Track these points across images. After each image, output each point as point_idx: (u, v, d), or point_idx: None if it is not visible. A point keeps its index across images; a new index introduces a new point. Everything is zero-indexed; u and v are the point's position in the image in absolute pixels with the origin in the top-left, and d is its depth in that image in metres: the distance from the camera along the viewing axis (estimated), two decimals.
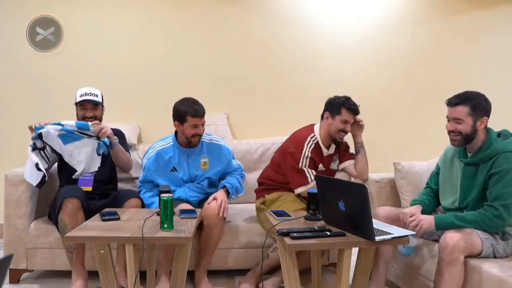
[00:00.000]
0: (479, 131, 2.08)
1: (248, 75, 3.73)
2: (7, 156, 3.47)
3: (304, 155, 2.59)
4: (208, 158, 2.67)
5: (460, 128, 2.08)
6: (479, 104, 2.07)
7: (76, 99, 2.71)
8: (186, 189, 2.66)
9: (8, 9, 3.50)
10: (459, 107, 2.08)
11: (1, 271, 0.91)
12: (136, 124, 3.53)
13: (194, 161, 2.64)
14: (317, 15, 3.77)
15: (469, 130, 2.07)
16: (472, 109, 2.06)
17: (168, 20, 3.64)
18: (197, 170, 2.65)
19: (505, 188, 1.98)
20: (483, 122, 2.08)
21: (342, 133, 2.67)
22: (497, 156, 2.02)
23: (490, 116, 2.12)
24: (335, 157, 2.80)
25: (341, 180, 2.16)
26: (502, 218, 1.97)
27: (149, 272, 2.34)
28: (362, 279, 2.08)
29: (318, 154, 2.66)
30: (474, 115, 2.06)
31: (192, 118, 2.52)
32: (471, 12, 3.94)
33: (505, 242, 2.04)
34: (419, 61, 3.90)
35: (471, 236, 1.96)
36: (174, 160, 2.62)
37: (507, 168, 1.99)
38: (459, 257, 1.91)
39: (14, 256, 2.22)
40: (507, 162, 2.00)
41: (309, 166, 2.59)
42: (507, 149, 2.03)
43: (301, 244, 1.84)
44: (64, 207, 2.36)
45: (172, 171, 2.62)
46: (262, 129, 3.65)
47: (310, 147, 2.62)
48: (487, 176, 2.05)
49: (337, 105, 2.66)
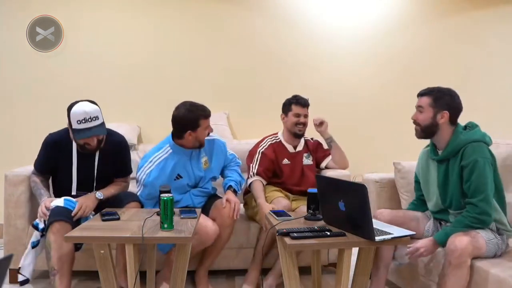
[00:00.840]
0: (441, 125, 2.12)
1: (248, 75, 3.73)
2: (7, 156, 3.47)
3: (256, 152, 2.84)
4: (207, 156, 2.63)
5: (420, 118, 2.15)
6: (442, 98, 2.12)
7: (72, 123, 2.31)
8: (192, 196, 2.57)
9: (8, 9, 3.50)
10: (423, 97, 2.17)
11: (1, 271, 0.91)
12: (136, 124, 3.53)
13: (196, 162, 2.56)
14: (317, 15, 3.77)
15: (428, 122, 2.13)
16: (434, 100, 2.13)
17: (168, 20, 3.64)
18: (200, 171, 2.57)
19: (478, 181, 1.99)
20: (443, 116, 2.11)
21: (299, 126, 2.85)
22: (464, 147, 2.06)
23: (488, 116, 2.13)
24: (307, 153, 2.94)
25: (341, 180, 2.16)
26: (486, 213, 1.98)
27: (149, 272, 2.34)
28: (362, 279, 2.08)
29: (280, 151, 2.87)
30: (435, 107, 2.12)
31: (205, 120, 2.45)
32: (471, 12, 3.94)
33: (501, 237, 2.06)
34: (419, 61, 3.90)
35: (477, 239, 1.96)
36: (177, 167, 2.49)
37: (474, 158, 2.01)
38: (466, 260, 1.90)
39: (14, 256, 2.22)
40: (473, 152, 2.02)
41: (261, 161, 2.79)
42: (472, 139, 2.06)
43: (301, 244, 1.84)
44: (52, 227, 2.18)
45: (176, 179, 2.49)
46: (262, 129, 3.64)
47: (265, 145, 2.87)
48: (459, 169, 2.07)
49: (287, 103, 2.92)
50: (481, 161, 2.00)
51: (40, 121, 3.51)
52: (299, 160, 2.89)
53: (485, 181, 1.99)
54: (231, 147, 3.31)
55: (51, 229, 2.18)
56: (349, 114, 3.86)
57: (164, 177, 2.44)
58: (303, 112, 2.86)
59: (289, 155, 2.87)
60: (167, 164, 2.45)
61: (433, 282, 2.14)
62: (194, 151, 2.54)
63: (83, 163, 2.47)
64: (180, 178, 2.49)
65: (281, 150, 2.87)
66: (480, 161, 2.00)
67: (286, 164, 2.84)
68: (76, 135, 2.34)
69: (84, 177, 2.48)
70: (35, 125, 3.52)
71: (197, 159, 2.56)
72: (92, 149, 2.41)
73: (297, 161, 2.88)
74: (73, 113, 2.31)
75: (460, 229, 2.00)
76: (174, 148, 2.49)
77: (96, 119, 2.32)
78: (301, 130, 2.88)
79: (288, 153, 2.88)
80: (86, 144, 2.38)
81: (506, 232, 2.09)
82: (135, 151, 3.26)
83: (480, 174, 1.99)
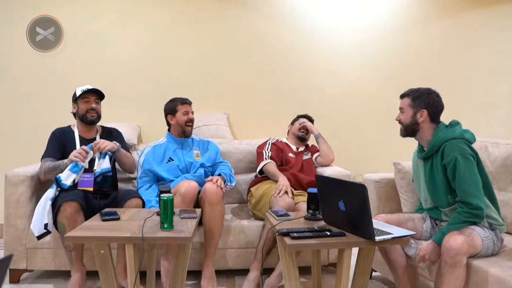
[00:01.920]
0: (421, 123, 2.19)
1: (248, 75, 3.73)
2: (7, 156, 3.47)
3: (268, 143, 3.17)
4: (200, 151, 2.95)
5: (402, 118, 2.26)
6: (420, 97, 2.20)
7: (77, 93, 2.69)
8: (184, 178, 2.72)
9: (8, 9, 3.50)
10: (404, 98, 2.27)
11: (1, 271, 0.91)
12: (136, 124, 3.54)
13: (187, 151, 2.90)
14: (317, 15, 3.77)
15: (408, 121, 2.22)
16: (412, 100, 2.21)
17: (168, 20, 3.64)
18: (191, 159, 2.87)
19: (464, 178, 2.02)
20: (422, 115, 2.18)
21: (302, 130, 3.25)
22: (443, 145, 2.10)
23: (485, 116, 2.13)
24: (306, 152, 3.26)
25: (341, 180, 2.15)
26: (478, 208, 1.99)
27: (149, 272, 2.34)
28: (362, 279, 2.08)
29: (285, 147, 3.19)
30: (414, 106, 2.20)
31: (182, 105, 2.86)
32: (473, 12, 3.94)
33: (494, 232, 2.06)
34: (419, 61, 3.91)
35: (472, 237, 1.96)
36: (169, 151, 2.86)
37: (453, 156, 2.04)
38: (462, 259, 1.90)
39: (14, 256, 2.22)
40: (452, 150, 2.06)
41: (272, 149, 3.11)
42: (450, 136, 2.10)
43: (301, 244, 1.84)
44: (62, 210, 2.35)
45: (169, 162, 2.82)
46: (262, 129, 3.66)
47: (273, 140, 3.21)
48: (442, 167, 2.11)
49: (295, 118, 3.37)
50: (460, 157, 2.03)
51: (40, 121, 3.51)
52: (301, 157, 3.20)
53: (470, 177, 2.02)
54: (231, 147, 3.32)
55: (62, 213, 2.34)
56: (349, 114, 3.86)
57: (158, 157, 2.81)
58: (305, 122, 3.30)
59: (294, 152, 3.20)
60: (161, 147, 2.86)
61: (433, 282, 2.14)
62: (185, 141, 2.90)
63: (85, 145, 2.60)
64: (172, 161, 2.83)
65: (287, 147, 3.21)
66: (460, 157, 2.03)
67: (291, 157, 3.14)
68: (80, 100, 2.67)
69: None
70: (35, 125, 3.52)
71: (188, 149, 2.91)
72: (93, 118, 2.68)
73: (299, 158, 3.18)
74: (77, 88, 2.70)
75: (455, 226, 2.00)
76: (168, 138, 2.92)
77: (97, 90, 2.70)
78: (304, 134, 3.25)
79: (292, 150, 3.21)
80: (89, 111, 2.67)
81: (498, 227, 2.09)
82: (135, 151, 3.26)
83: (464, 170, 2.02)
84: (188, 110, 2.88)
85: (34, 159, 2.83)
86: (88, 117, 2.68)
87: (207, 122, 3.45)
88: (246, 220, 2.82)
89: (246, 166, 3.34)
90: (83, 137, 2.71)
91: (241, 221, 2.81)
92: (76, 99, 2.70)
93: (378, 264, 2.64)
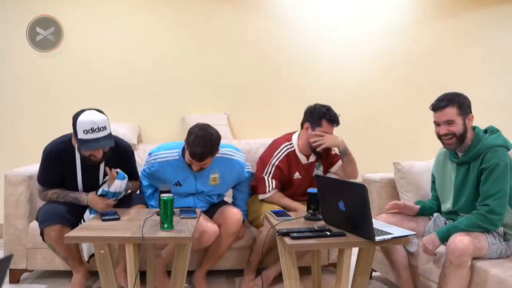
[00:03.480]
0: (469, 129, 2.12)
1: (248, 75, 3.73)
2: (7, 156, 3.47)
3: (270, 164, 2.59)
4: (219, 174, 2.48)
5: (454, 129, 2.09)
6: (464, 103, 2.11)
7: (78, 133, 2.18)
8: (196, 200, 2.54)
9: (8, 9, 3.49)
10: (447, 109, 2.10)
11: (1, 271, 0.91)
12: (136, 124, 3.53)
13: (202, 178, 2.45)
14: (317, 16, 3.77)
15: (462, 130, 2.10)
16: (459, 108, 2.10)
17: (168, 20, 3.64)
18: (205, 187, 2.48)
19: (494, 185, 1.99)
20: (470, 119, 2.12)
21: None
22: (486, 151, 2.05)
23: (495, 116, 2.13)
24: (318, 163, 2.73)
25: (341, 180, 2.16)
26: (494, 213, 1.96)
27: (149, 272, 2.34)
28: (362, 279, 2.08)
29: (293, 163, 2.63)
30: (462, 114, 2.10)
31: (191, 157, 2.27)
32: (474, 12, 3.94)
33: (506, 242, 2.04)
34: (419, 61, 3.90)
35: (479, 239, 1.96)
36: (179, 175, 2.43)
37: (495, 162, 2.00)
38: (467, 260, 1.90)
39: (14, 256, 2.22)
40: (495, 156, 2.02)
41: (274, 174, 2.59)
42: (495, 143, 2.05)
43: (301, 244, 1.84)
44: (46, 234, 2.28)
45: (176, 185, 2.44)
46: (262, 129, 3.65)
47: (280, 156, 2.60)
48: (478, 172, 2.07)
49: (317, 115, 2.55)
50: (502, 165, 1.99)
51: (40, 121, 3.51)
52: (310, 171, 2.71)
53: (501, 185, 1.99)
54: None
55: (46, 236, 2.30)
56: (348, 114, 3.82)
57: (163, 176, 2.44)
58: (331, 132, 2.57)
59: (302, 167, 2.66)
60: (170, 165, 2.41)
61: (433, 282, 2.14)
62: None
63: (88, 171, 2.39)
64: (179, 186, 2.45)
65: (295, 162, 2.64)
66: (501, 165, 1.99)
67: (297, 178, 2.66)
68: (82, 147, 2.20)
69: (90, 185, 2.41)
70: (35, 125, 3.52)
71: (203, 176, 2.45)
72: (96, 161, 2.30)
73: (309, 173, 2.70)
74: (80, 122, 2.18)
75: (463, 226, 1.99)
76: (180, 158, 2.41)
77: (104, 130, 2.20)
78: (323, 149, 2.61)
79: (301, 165, 2.65)
80: (92, 156, 2.26)
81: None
82: (135, 151, 3.25)
83: (498, 177, 1.99)
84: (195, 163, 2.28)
85: (34, 159, 2.82)
86: (92, 160, 2.29)
87: (207, 122, 3.44)
88: (247, 221, 2.81)
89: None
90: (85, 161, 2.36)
91: None
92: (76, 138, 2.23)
93: (378, 264, 2.64)
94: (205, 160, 2.26)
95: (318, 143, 2.54)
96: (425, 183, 2.54)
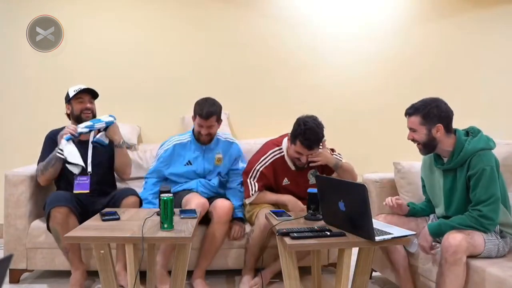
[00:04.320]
0: (439, 138, 2.09)
1: (248, 75, 3.73)
2: (7, 156, 3.47)
3: (255, 169, 2.59)
4: (222, 155, 2.80)
5: (416, 137, 2.13)
6: (430, 113, 2.08)
7: (70, 93, 2.66)
8: (199, 183, 2.73)
9: (8, 9, 3.49)
10: (411, 117, 2.14)
11: (1, 271, 0.91)
12: (136, 124, 3.53)
13: (209, 156, 2.76)
14: (318, 16, 3.77)
15: (425, 139, 2.10)
16: (423, 118, 2.09)
17: (168, 20, 3.64)
18: (211, 165, 2.77)
19: (485, 190, 1.97)
20: (438, 130, 2.08)
21: (298, 161, 2.53)
22: (471, 157, 2.03)
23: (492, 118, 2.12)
24: (313, 170, 2.65)
25: (341, 180, 2.16)
26: (487, 218, 1.96)
27: (149, 272, 2.34)
28: (362, 279, 2.08)
29: (280, 170, 2.59)
30: (427, 123, 2.08)
31: (199, 118, 2.62)
32: (473, 12, 3.94)
33: (503, 239, 2.05)
34: (420, 61, 3.90)
35: (473, 236, 1.96)
36: (190, 154, 2.73)
37: (481, 167, 1.99)
38: (462, 257, 1.91)
39: (14, 256, 2.23)
40: (480, 161, 2.00)
41: (258, 179, 2.58)
42: (478, 147, 2.03)
43: (301, 244, 1.84)
44: (52, 217, 2.36)
45: (186, 165, 2.73)
46: (262, 129, 3.65)
47: (266, 163, 2.58)
48: (466, 178, 2.05)
49: (295, 133, 2.47)
50: (488, 169, 1.98)
51: (40, 121, 3.51)
52: (302, 180, 2.62)
53: (492, 189, 1.97)
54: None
55: (53, 219, 2.36)
56: (349, 114, 3.85)
57: (176, 157, 2.72)
58: (306, 153, 2.48)
59: (291, 174, 2.61)
60: (182, 147, 2.73)
61: (433, 282, 2.14)
62: (207, 146, 2.74)
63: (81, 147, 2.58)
64: (190, 165, 2.73)
65: (283, 169, 2.60)
66: (487, 169, 1.98)
67: (286, 184, 2.62)
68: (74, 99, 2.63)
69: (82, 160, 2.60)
70: (35, 125, 3.52)
71: (210, 155, 2.76)
72: (89, 118, 2.61)
73: (300, 181, 2.62)
74: (70, 88, 2.67)
75: (455, 224, 1.99)
76: (192, 139, 2.75)
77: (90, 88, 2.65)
78: (301, 164, 2.55)
79: (289, 172, 2.60)
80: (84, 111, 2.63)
81: (510, 236, 2.07)
82: (135, 151, 3.26)
83: (487, 181, 1.97)
84: (202, 125, 2.61)
85: (33, 159, 2.82)
86: (83, 117, 2.64)
87: None
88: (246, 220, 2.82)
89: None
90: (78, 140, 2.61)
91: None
92: (69, 99, 2.66)
93: (378, 264, 2.64)
94: (210, 119, 2.59)
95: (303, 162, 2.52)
96: None
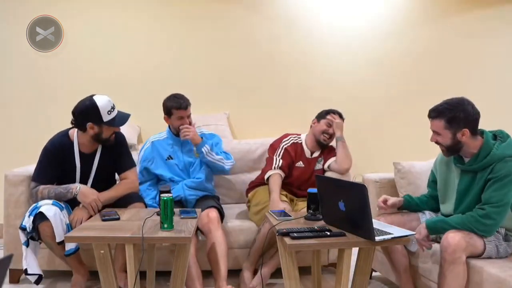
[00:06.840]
0: (464, 141, 2.02)
1: (248, 76, 3.73)
2: (7, 156, 3.47)
3: (280, 147, 2.90)
4: None
5: (440, 140, 2.06)
6: (455, 117, 1.99)
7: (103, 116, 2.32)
8: (184, 186, 2.73)
9: (8, 9, 3.49)
10: (435, 120, 2.05)
11: (1, 271, 0.91)
12: (136, 124, 3.53)
13: (186, 149, 2.82)
14: (317, 16, 3.77)
15: (450, 143, 2.04)
16: (447, 122, 2.01)
17: (168, 20, 3.64)
18: (191, 157, 2.81)
19: (498, 193, 1.93)
20: (464, 134, 2.00)
21: (326, 135, 2.91)
22: (497, 162, 1.96)
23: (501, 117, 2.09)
24: (320, 158, 2.96)
25: (341, 180, 2.16)
26: (489, 218, 1.92)
27: (149, 272, 2.34)
28: (362, 279, 2.08)
29: (297, 152, 2.91)
30: (451, 128, 2.01)
31: (177, 111, 2.70)
32: (472, 12, 3.94)
33: (507, 243, 2.03)
34: (419, 61, 3.90)
35: (472, 236, 1.95)
36: (169, 149, 2.82)
37: (505, 173, 1.94)
38: (461, 256, 1.90)
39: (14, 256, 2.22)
40: (505, 167, 1.94)
41: (283, 155, 2.86)
42: (507, 154, 1.96)
43: (301, 244, 1.84)
44: (41, 231, 2.25)
45: (168, 159, 2.81)
46: (262, 129, 3.65)
47: (288, 143, 2.93)
48: (485, 181, 2.00)
49: (321, 113, 2.99)
50: (510, 176, 1.93)
51: (40, 121, 3.52)
52: (312, 165, 2.93)
53: (505, 195, 1.93)
54: (231, 147, 3.31)
55: (42, 233, 2.26)
56: (348, 114, 3.82)
57: (156, 153, 2.80)
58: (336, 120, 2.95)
59: (305, 159, 2.93)
60: (160, 144, 2.82)
61: (434, 282, 2.14)
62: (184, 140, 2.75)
63: (85, 164, 2.48)
64: (171, 159, 2.81)
65: (300, 152, 2.93)
66: (510, 176, 1.93)
67: (299, 167, 2.90)
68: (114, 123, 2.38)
69: (86, 178, 2.49)
70: (35, 125, 3.52)
71: (188, 147, 2.81)
72: (112, 141, 2.46)
73: (310, 167, 2.93)
74: (101, 107, 2.32)
75: (453, 223, 1.98)
76: (168, 134, 2.84)
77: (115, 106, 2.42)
78: (326, 140, 2.92)
79: (304, 156, 2.93)
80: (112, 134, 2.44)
81: None
82: (135, 151, 3.25)
83: (503, 186, 1.93)
84: (183, 116, 2.70)
85: (33, 159, 2.82)
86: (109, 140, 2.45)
87: (207, 122, 3.45)
88: (246, 221, 2.82)
89: (245, 165, 3.32)
90: (83, 152, 2.47)
91: (241, 221, 2.81)
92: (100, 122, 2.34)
93: (378, 264, 2.64)
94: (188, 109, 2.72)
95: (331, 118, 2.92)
96: (425, 183, 2.53)
